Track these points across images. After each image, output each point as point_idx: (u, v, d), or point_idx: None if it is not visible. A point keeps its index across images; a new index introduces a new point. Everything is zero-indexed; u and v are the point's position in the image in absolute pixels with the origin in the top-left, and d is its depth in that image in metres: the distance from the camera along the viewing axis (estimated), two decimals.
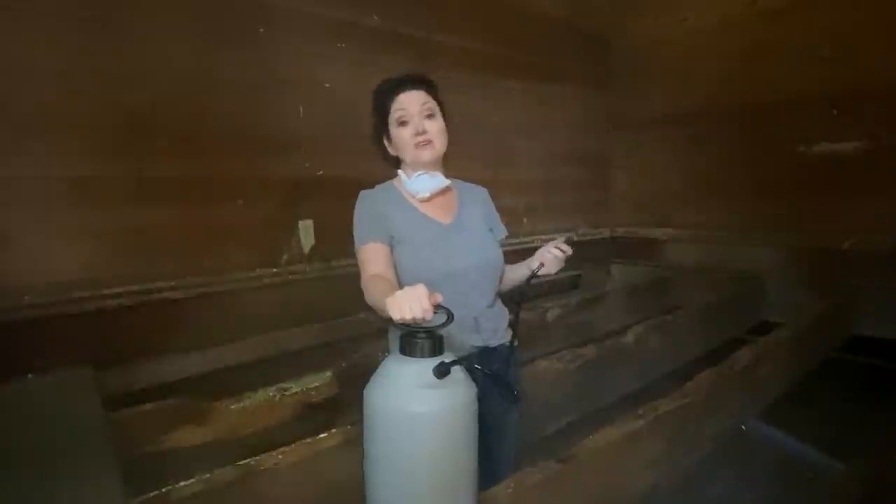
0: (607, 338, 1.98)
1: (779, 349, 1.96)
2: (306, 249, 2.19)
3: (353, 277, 1.07)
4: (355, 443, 0.90)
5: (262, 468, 1.09)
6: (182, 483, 1.01)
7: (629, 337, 1.99)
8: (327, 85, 2.20)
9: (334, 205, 2.18)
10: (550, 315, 2.36)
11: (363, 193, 1.18)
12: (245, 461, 1.09)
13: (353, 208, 1.14)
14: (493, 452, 1.13)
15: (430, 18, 2.52)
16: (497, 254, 1.20)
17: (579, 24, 3.37)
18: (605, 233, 3.70)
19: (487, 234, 1.22)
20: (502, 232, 1.29)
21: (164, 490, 1.00)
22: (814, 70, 2.66)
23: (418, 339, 0.84)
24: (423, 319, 0.82)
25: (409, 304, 0.81)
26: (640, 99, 3.47)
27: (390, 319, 0.84)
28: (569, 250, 1.13)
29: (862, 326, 2.52)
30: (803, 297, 2.59)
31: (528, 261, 1.20)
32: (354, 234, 1.13)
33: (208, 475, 1.04)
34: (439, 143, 1.14)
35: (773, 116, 2.84)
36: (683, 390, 1.49)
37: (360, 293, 1.04)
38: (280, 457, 1.12)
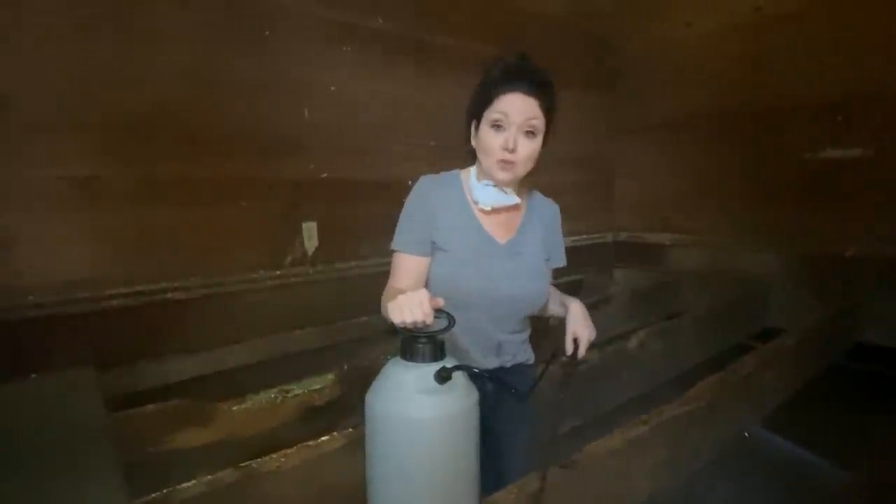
0: (610, 343, 1.97)
1: (783, 356, 1.94)
2: (310, 251, 2.19)
3: (357, 280, 1.07)
4: (357, 446, 0.90)
5: (264, 471, 1.09)
6: (184, 485, 1.01)
7: (632, 342, 1.98)
8: (332, 88, 2.20)
9: (338, 207, 2.19)
10: (553, 320, 2.35)
11: (423, 179, 1.06)
12: (247, 463, 1.09)
13: (356, 211, 1.11)
14: (499, 464, 1.11)
15: (433, 21, 2.52)
16: (544, 288, 1.12)
17: (583, 28, 3.36)
18: (608, 237, 3.69)
19: (540, 265, 1.12)
20: (560, 262, 1.19)
21: (165, 492, 1.00)
22: (819, 75, 2.65)
23: (419, 344, 0.83)
24: (424, 324, 0.82)
25: (409, 308, 0.81)
26: (644, 103, 3.47)
27: (393, 324, 0.84)
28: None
29: (866, 334, 2.51)
30: (807, 304, 2.58)
31: (562, 319, 1.12)
32: (397, 227, 1.04)
33: (210, 477, 1.04)
34: (522, 169, 1.02)
35: (777, 122, 2.83)
36: (687, 396, 1.49)
37: (363, 295, 1.02)
38: (282, 459, 1.12)
